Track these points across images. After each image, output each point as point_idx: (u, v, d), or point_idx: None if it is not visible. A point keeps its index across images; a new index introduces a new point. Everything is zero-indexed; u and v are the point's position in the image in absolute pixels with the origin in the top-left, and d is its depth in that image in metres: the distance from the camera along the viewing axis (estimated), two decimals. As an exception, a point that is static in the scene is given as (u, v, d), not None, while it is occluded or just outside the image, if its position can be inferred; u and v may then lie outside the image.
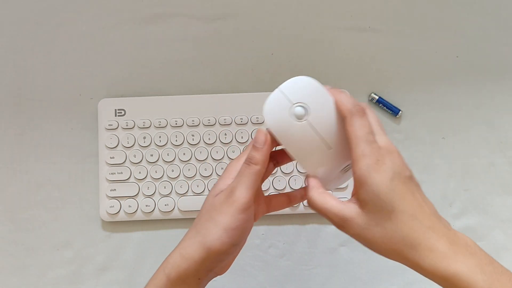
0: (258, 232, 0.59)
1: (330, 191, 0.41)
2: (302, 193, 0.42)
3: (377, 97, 0.60)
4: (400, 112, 0.60)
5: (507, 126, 0.61)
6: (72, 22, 0.62)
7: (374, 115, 0.39)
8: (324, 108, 0.39)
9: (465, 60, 0.62)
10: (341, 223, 0.36)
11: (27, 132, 0.60)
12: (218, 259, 0.38)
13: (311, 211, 0.57)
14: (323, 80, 0.62)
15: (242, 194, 0.37)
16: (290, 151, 0.39)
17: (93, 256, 0.59)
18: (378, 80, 0.62)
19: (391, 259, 0.36)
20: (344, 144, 0.39)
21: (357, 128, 0.36)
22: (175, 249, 0.40)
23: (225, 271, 0.41)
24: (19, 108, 0.61)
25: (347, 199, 0.40)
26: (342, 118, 0.38)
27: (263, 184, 0.47)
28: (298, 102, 0.39)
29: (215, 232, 0.37)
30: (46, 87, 0.61)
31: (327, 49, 0.62)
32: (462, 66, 0.62)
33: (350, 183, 0.58)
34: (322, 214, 0.37)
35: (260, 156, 0.38)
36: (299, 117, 0.39)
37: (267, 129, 0.39)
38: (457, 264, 0.33)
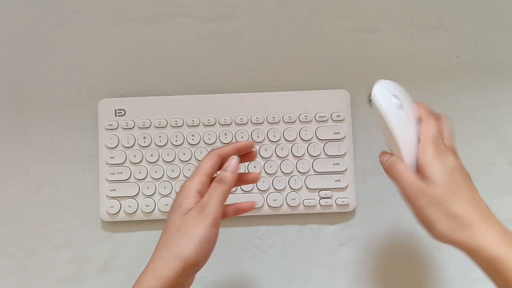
0: (258, 232, 0.60)
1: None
2: (250, 205, 0.47)
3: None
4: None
5: (507, 126, 0.61)
6: (72, 22, 0.62)
7: (448, 124, 0.46)
8: (410, 107, 0.46)
9: (465, 60, 0.62)
10: (418, 192, 0.42)
11: (27, 132, 0.60)
12: (192, 272, 0.42)
13: (311, 211, 0.58)
14: (323, 80, 0.63)
15: (214, 209, 0.41)
16: (393, 132, 0.45)
17: (93, 256, 0.59)
18: (378, 80, 0.62)
19: (448, 238, 0.41)
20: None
21: (430, 127, 0.44)
22: (146, 271, 0.42)
23: (190, 286, 0.44)
24: (19, 108, 0.61)
25: (347, 199, 0.44)
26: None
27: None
28: (396, 95, 0.46)
29: (190, 245, 0.40)
30: (46, 87, 0.61)
31: (327, 49, 0.62)
32: (462, 66, 0.62)
33: (350, 183, 0.59)
34: (400, 182, 0.44)
35: (231, 176, 0.43)
36: (399, 107, 0.46)
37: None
38: (508, 252, 0.38)
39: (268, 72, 0.62)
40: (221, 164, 0.45)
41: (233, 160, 0.44)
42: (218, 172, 0.45)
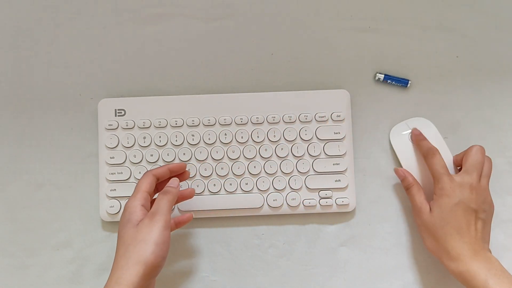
0: (258, 232, 0.60)
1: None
2: (188, 217, 0.54)
3: (382, 76, 0.60)
4: (409, 82, 0.61)
5: (507, 126, 0.61)
6: (72, 22, 0.62)
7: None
8: (435, 140, 0.58)
9: (465, 60, 0.62)
10: (417, 211, 0.54)
11: (27, 132, 0.60)
12: (153, 274, 0.46)
13: (311, 211, 0.58)
14: (323, 80, 0.63)
15: (164, 215, 0.47)
16: (403, 162, 0.59)
17: (93, 256, 0.59)
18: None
19: (431, 252, 0.54)
20: None
21: (436, 163, 0.54)
22: (109, 281, 0.45)
23: None
24: (19, 108, 0.61)
25: (347, 199, 0.57)
26: (443, 148, 0.58)
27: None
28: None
29: (147, 248, 0.45)
30: (46, 87, 0.61)
31: (327, 49, 0.62)
32: (462, 66, 0.62)
33: (350, 183, 0.59)
34: (412, 201, 0.56)
35: (174, 189, 0.50)
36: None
37: None
38: (474, 279, 0.50)
39: (268, 72, 0.62)
40: (156, 183, 0.51)
41: (174, 180, 0.52)
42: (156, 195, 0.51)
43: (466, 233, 0.51)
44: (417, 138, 0.58)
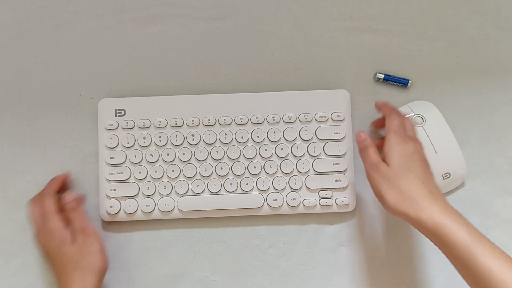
0: (258, 232, 0.60)
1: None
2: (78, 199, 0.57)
3: (382, 76, 0.61)
4: (409, 82, 0.61)
5: (507, 126, 0.61)
6: (72, 22, 0.62)
7: (409, 118, 0.56)
8: (437, 123, 0.58)
9: (465, 60, 0.62)
10: (375, 167, 0.50)
11: (28, 132, 0.60)
12: (103, 276, 0.53)
13: (311, 211, 0.58)
14: (323, 80, 0.62)
15: (89, 226, 0.54)
16: None
17: (93, 256, 0.59)
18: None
19: (394, 209, 0.48)
20: (446, 154, 0.57)
21: (393, 121, 0.52)
22: None
23: None
24: (19, 108, 0.61)
25: (347, 199, 0.57)
26: (448, 133, 0.58)
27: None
28: (418, 114, 0.58)
29: (96, 257, 0.52)
30: (46, 87, 0.61)
31: (327, 49, 0.62)
32: (462, 66, 0.62)
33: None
34: (368, 160, 0.51)
35: (75, 203, 0.55)
36: (417, 123, 0.58)
37: None
38: (446, 220, 0.45)
39: (268, 72, 0.62)
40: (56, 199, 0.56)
41: (67, 195, 0.55)
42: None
43: (427, 181, 0.49)
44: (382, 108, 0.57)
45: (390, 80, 0.61)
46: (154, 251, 0.59)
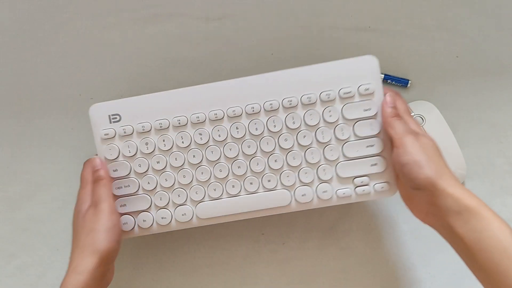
0: (258, 232, 0.60)
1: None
2: None
3: (382, 76, 0.61)
4: (409, 82, 0.61)
5: (507, 126, 0.61)
6: (72, 22, 0.62)
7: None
8: (437, 123, 0.58)
9: (465, 60, 0.62)
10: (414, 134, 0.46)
11: (27, 132, 0.60)
12: (109, 260, 0.47)
13: (346, 201, 0.53)
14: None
15: (106, 201, 0.48)
16: None
17: (93, 256, 0.59)
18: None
19: (417, 185, 0.44)
20: (446, 154, 0.48)
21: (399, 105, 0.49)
22: (68, 272, 0.46)
23: (112, 277, 0.50)
24: (19, 108, 0.61)
25: (387, 184, 0.50)
26: (448, 133, 0.58)
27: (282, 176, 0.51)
28: (418, 114, 0.58)
29: (99, 236, 0.46)
30: (46, 87, 0.61)
31: (327, 49, 0.62)
32: (462, 66, 0.62)
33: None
34: (397, 133, 0.47)
35: (102, 172, 0.49)
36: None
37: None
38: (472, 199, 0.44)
39: (268, 72, 0.62)
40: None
41: (96, 159, 0.50)
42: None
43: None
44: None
45: (390, 80, 0.61)
46: (154, 251, 0.59)
